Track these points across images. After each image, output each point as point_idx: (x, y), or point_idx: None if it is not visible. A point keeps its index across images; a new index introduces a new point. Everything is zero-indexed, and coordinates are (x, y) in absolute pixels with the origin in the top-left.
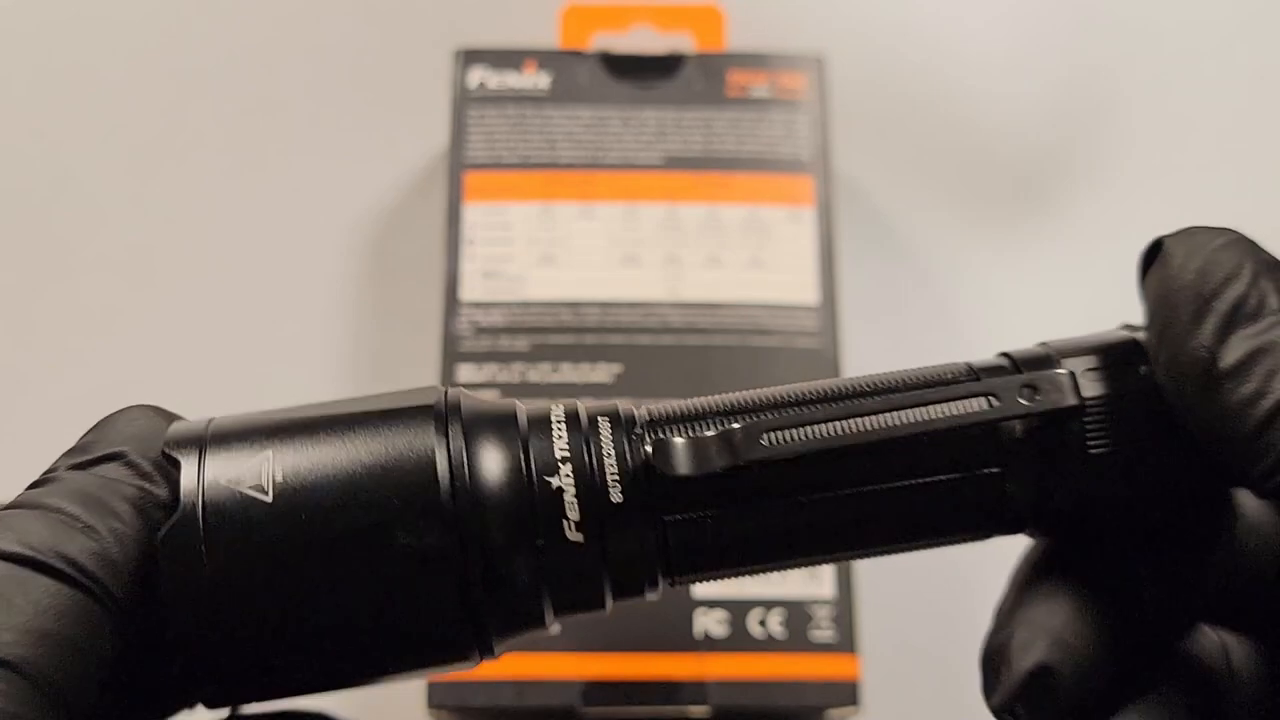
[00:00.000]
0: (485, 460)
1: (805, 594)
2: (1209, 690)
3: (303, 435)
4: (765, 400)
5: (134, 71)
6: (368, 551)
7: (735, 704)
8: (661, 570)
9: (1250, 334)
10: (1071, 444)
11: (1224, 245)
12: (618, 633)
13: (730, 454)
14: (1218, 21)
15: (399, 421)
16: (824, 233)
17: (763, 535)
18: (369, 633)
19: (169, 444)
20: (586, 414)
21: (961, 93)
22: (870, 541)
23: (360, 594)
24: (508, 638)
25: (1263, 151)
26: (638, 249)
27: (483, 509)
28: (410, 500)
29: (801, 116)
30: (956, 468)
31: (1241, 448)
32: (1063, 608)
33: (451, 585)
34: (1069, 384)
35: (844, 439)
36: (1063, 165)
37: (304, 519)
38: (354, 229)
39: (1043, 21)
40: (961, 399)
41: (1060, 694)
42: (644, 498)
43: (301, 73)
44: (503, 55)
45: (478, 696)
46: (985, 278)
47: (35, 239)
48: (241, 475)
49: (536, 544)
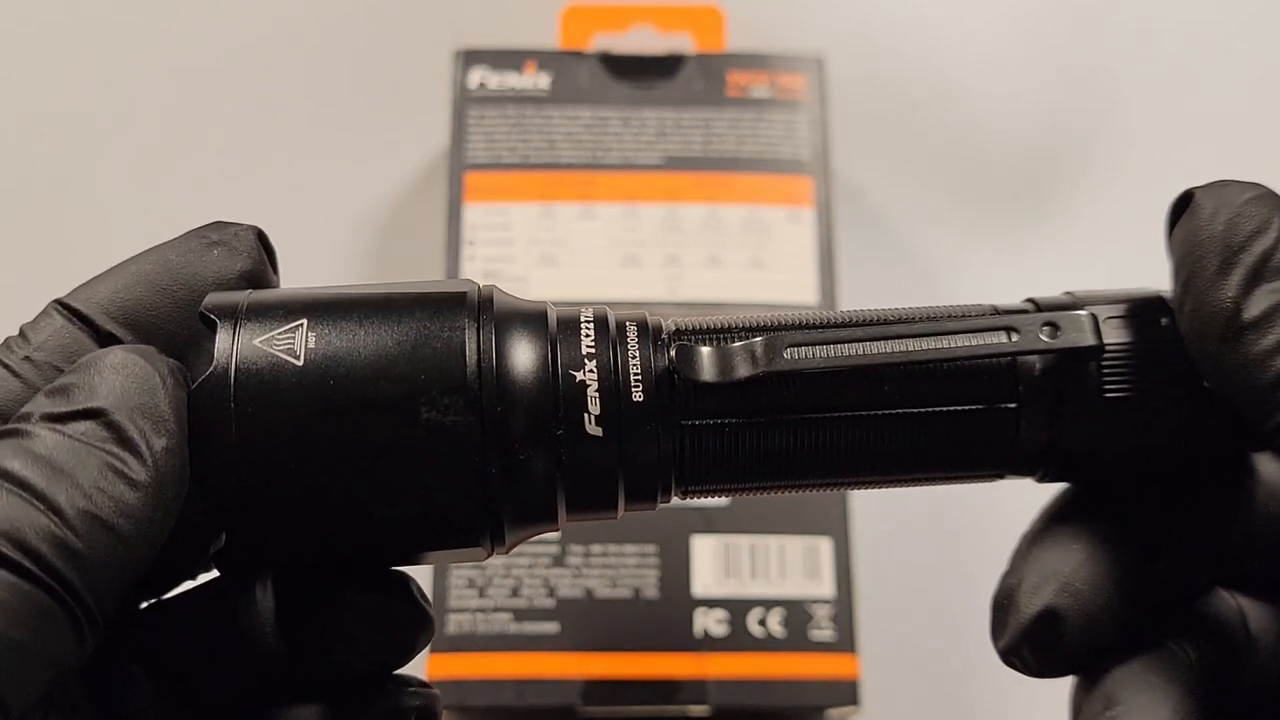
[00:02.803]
0: (513, 349)
1: (805, 594)
2: (1222, 650)
3: (338, 310)
4: (791, 320)
5: (136, 72)
6: (392, 422)
7: (735, 703)
8: (675, 476)
9: (1276, 288)
10: (1088, 385)
11: (1254, 199)
12: (618, 632)
13: (752, 364)
14: (1217, 22)
15: (433, 305)
16: (823, 233)
17: (778, 449)
18: (386, 503)
19: (207, 307)
20: (615, 319)
21: (961, 93)
22: (882, 467)
23: (381, 463)
24: (520, 529)
25: (1262, 152)
26: (638, 249)
27: (507, 393)
28: (438, 378)
29: (801, 117)
30: (973, 399)
31: (1259, 399)
32: (1074, 554)
33: (470, 464)
34: (1090, 325)
35: (865, 358)
36: (1061, 165)
37: (332, 384)
38: (355, 229)
39: (1042, 22)
40: (984, 331)
41: (1066, 639)
42: (664, 400)
43: (302, 73)
44: (503, 56)
45: (478, 695)
46: (984, 278)
47: (38, 239)
48: (274, 339)
49: (556, 433)
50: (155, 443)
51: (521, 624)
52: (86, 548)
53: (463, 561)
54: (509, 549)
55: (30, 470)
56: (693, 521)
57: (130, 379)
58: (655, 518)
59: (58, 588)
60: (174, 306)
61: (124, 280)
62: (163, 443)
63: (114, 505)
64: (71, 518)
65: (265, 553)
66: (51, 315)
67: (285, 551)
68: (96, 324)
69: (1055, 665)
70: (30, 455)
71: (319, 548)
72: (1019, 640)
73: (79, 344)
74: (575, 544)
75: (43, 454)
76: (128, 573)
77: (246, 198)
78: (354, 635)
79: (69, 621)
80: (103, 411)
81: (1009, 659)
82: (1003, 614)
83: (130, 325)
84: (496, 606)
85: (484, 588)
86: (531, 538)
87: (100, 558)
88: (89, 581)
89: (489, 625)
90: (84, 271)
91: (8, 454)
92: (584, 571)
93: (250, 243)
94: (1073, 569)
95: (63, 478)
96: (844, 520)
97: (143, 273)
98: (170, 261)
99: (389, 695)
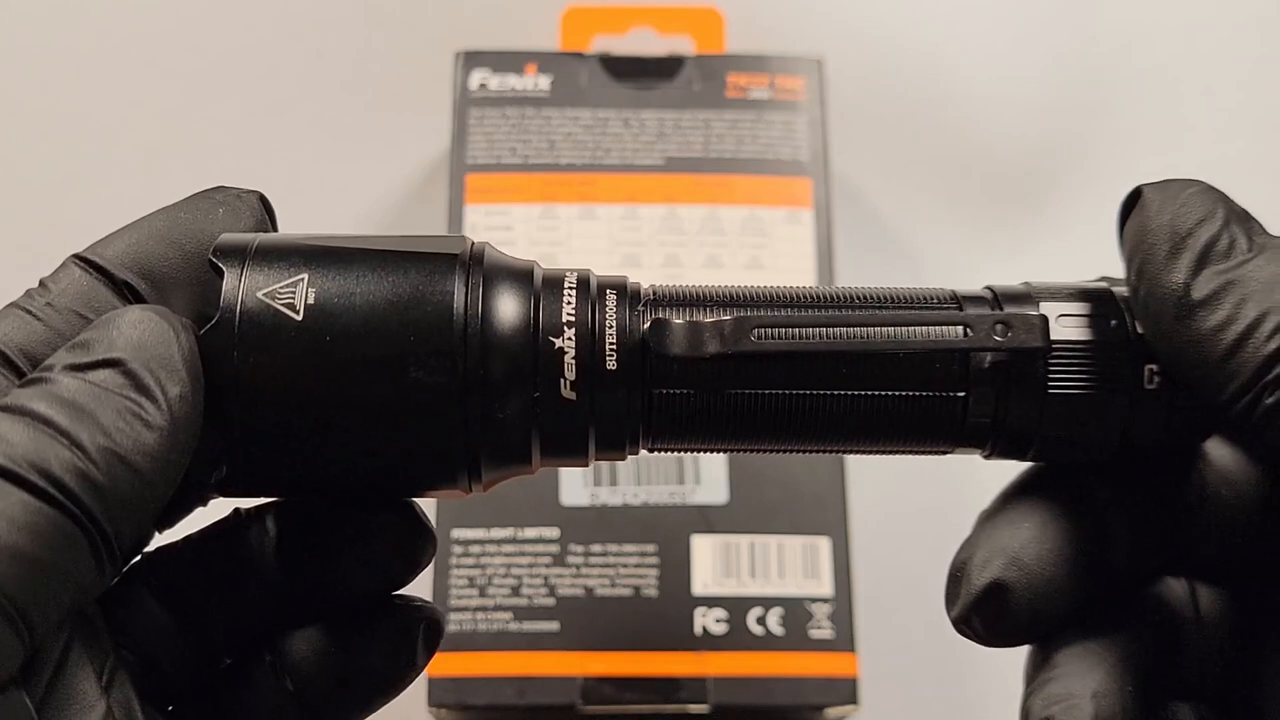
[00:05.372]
0: (498, 311)
1: (804, 592)
2: (1168, 633)
3: (338, 265)
4: (762, 296)
5: (137, 72)
6: (381, 379)
7: (735, 701)
8: (643, 433)
9: (1221, 270)
10: (1034, 380)
11: (1198, 192)
12: (618, 631)
13: (720, 342)
14: (1215, 23)
15: (426, 266)
16: (823, 233)
17: (739, 418)
18: (373, 449)
19: (216, 252)
20: (596, 283)
21: (959, 94)
22: (836, 439)
23: (370, 414)
24: (496, 471)
25: (1260, 152)
26: (638, 250)
27: (489, 357)
28: (425, 340)
29: (800, 118)
30: (925, 387)
31: (1213, 372)
32: (1024, 531)
33: (451, 419)
34: (1040, 326)
35: (826, 344)
36: (1059, 166)
37: (328, 340)
38: (356, 230)
39: (1039, 24)
40: (940, 324)
41: (1014, 611)
42: (636, 369)
43: (304, 75)
44: (504, 57)
45: (478, 694)
46: (983, 278)
47: (40, 240)
48: (277, 292)
49: (534, 395)
50: (170, 389)
51: (522, 623)
52: (108, 481)
53: (445, 497)
54: (486, 488)
55: (54, 410)
56: (692, 521)
57: (146, 332)
58: (655, 518)
59: (81, 516)
60: (184, 258)
61: (137, 235)
62: (177, 390)
63: (133, 444)
64: (93, 453)
65: (263, 484)
66: (70, 268)
67: (281, 484)
68: (113, 274)
69: (1003, 635)
70: (54, 397)
71: (312, 482)
72: (969, 610)
73: (96, 292)
74: (575, 543)
75: (65, 397)
76: (145, 508)
77: None
78: (361, 553)
79: (90, 548)
80: (121, 361)
81: (960, 627)
82: (955, 585)
83: (144, 275)
84: (497, 605)
85: (484, 587)
86: (508, 478)
87: (120, 492)
88: (110, 513)
89: (489, 624)
90: None
91: (33, 397)
92: (584, 570)
93: (254, 205)
94: (1021, 544)
95: (85, 417)
96: (843, 519)
97: (155, 228)
98: (180, 218)
99: (396, 612)
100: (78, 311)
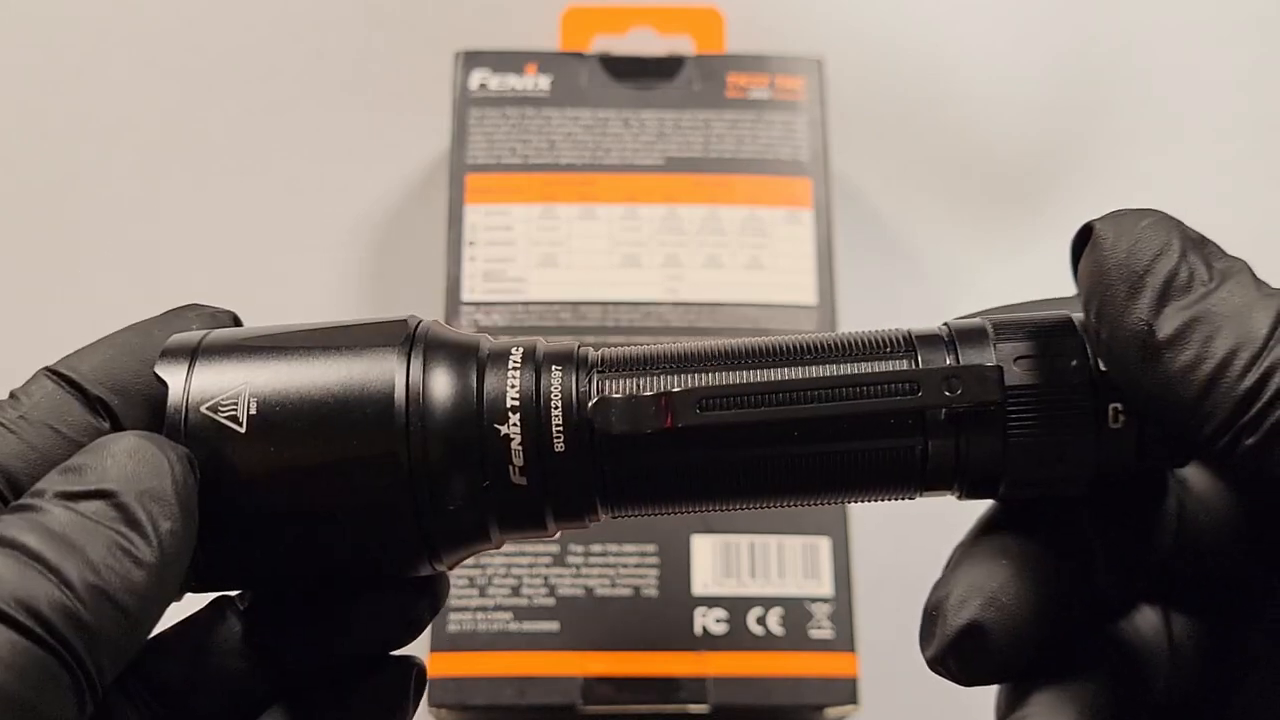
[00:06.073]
0: (440, 401)
1: (804, 592)
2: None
3: (279, 366)
4: (711, 356)
5: (138, 73)
6: (329, 483)
7: (734, 701)
8: (600, 504)
9: (1184, 305)
10: (992, 428)
11: (1151, 224)
12: (618, 631)
13: (665, 417)
14: (1214, 24)
15: (366, 359)
16: (822, 233)
17: (695, 485)
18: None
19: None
20: (543, 355)
21: (959, 95)
22: (796, 495)
23: (321, 515)
24: (456, 553)
25: (1259, 152)
26: (638, 250)
27: (436, 455)
28: (369, 441)
29: (800, 118)
30: (881, 441)
31: (1188, 413)
32: (1002, 569)
33: (403, 513)
34: (994, 379)
35: (775, 412)
36: (1059, 166)
37: (272, 451)
38: (356, 230)
39: (1039, 24)
40: (889, 382)
41: (990, 652)
42: (585, 448)
43: (303, 75)
44: (504, 57)
45: (478, 694)
46: (982, 278)
47: (40, 240)
48: (220, 404)
49: (483, 485)
50: (162, 525)
51: (522, 623)
52: (94, 620)
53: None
54: (450, 568)
55: (43, 544)
56: (692, 521)
57: (141, 464)
58: (655, 518)
59: (65, 655)
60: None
61: (111, 350)
62: (168, 525)
63: (121, 582)
64: (81, 591)
65: (229, 583)
66: (42, 380)
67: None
68: (85, 389)
69: (979, 676)
70: (44, 530)
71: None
72: (945, 651)
73: (69, 407)
74: (575, 543)
75: (55, 529)
76: (130, 645)
77: (248, 198)
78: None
79: (73, 687)
80: (113, 493)
81: (935, 667)
82: (931, 624)
83: (117, 391)
84: (497, 605)
85: (484, 587)
86: (473, 554)
87: (106, 630)
88: (94, 652)
89: (489, 624)
90: (88, 273)
91: (23, 528)
92: (584, 570)
93: (226, 323)
94: (1000, 584)
95: (74, 553)
96: (843, 519)
97: (128, 343)
98: (154, 335)
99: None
100: (51, 425)
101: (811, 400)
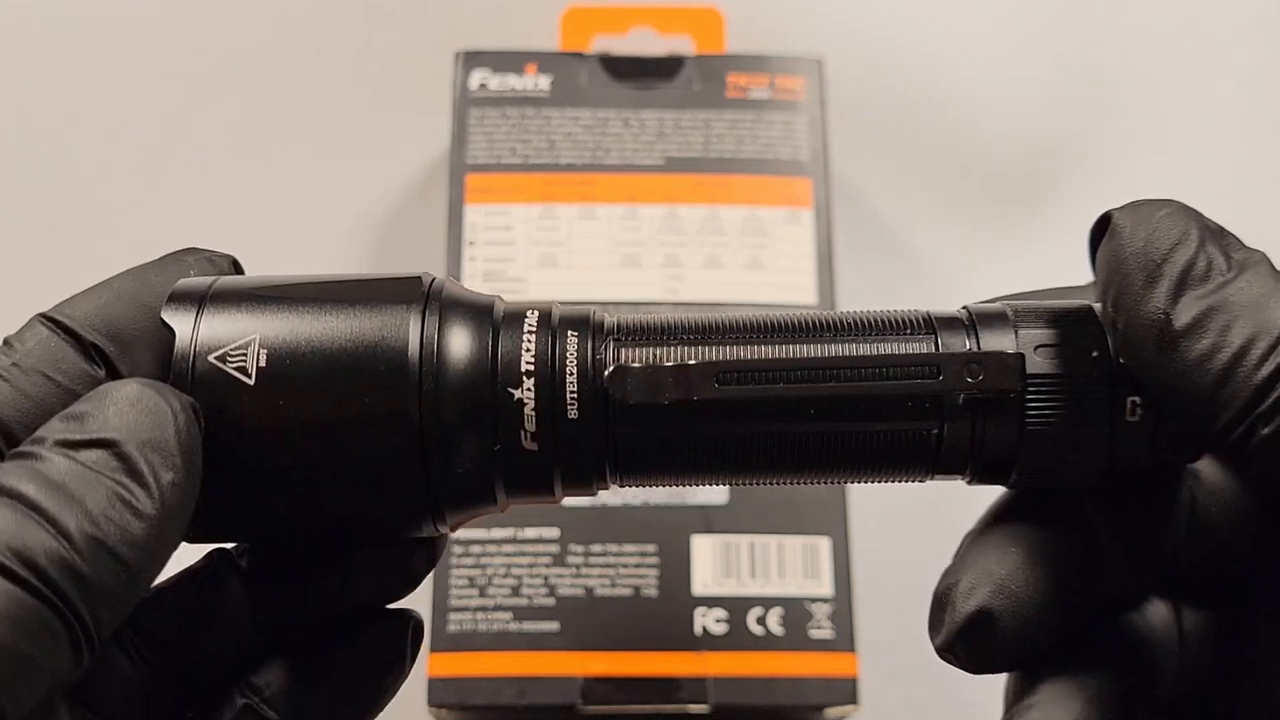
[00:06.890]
0: (455, 362)
1: (804, 592)
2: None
3: (290, 318)
4: (730, 328)
5: (138, 73)
6: (339, 439)
7: (735, 701)
8: (609, 472)
9: (1201, 294)
10: (1010, 416)
11: (1169, 214)
12: (618, 631)
13: (683, 389)
14: (1213, 24)
15: (380, 313)
16: (822, 233)
17: (708, 458)
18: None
19: (167, 309)
20: (559, 320)
21: (959, 95)
22: (807, 472)
23: (328, 472)
24: (461, 515)
25: (1259, 152)
26: (638, 250)
27: (448, 416)
28: (381, 399)
29: (800, 118)
30: (898, 423)
31: (1204, 402)
32: (1012, 557)
33: (412, 474)
34: (1015, 366)
35: (794, 389)
36: (1059, 166)
37: (281, 405)
38: (356, 230)
39: (1039, 24)
40: (911, 365)
41: (999, 639)
42: (599, 415)
43: (304, 75)
44: (504, 57)
45: (478, 694)
46: (982, 278)
47: (40, 240)
48: (228, 354)
49: (494, 449)
50: (163, 476)
51: (522, 623)
52: (91, 572)
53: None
54: (453, 529)
55: (42, 493)
56: (692, 521)
57: (143, 413)
58: (655, 518)
59: (62, 606)
60: (152, 320)
61: (106, 295)
62: (170, 476)
63: (120, 534)
64: (79, 542)
65: (228, 535)
66: (36, 327)
67: (246, 535)
68: (80, 335)
69: (988, 663)
70: (42, 479)
71: (277, 533)
72: (953, 638)
73: (64, 353)
74: (575, 543)
75: (54, 478)
76: (128, 597)
77: (248, 198)
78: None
79: (69, 638)
80: (115, 442)
81: (944, 655)
82: (940, 611)
83: (112, 336)
84: (497, 605)
85: (484, 587)
86: (476, 517)
87: (103, 582)
88: (91, 604)
89: (489, 624)
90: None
91: (21, 476)
92: (584, 570)
93: (225, 268)
94: (1009, 572)
95: (73, 503)
96: (843, 519)
97: (124, 288)
98: (150, 280)
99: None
100: (45, 373)
101: (830, 379)
